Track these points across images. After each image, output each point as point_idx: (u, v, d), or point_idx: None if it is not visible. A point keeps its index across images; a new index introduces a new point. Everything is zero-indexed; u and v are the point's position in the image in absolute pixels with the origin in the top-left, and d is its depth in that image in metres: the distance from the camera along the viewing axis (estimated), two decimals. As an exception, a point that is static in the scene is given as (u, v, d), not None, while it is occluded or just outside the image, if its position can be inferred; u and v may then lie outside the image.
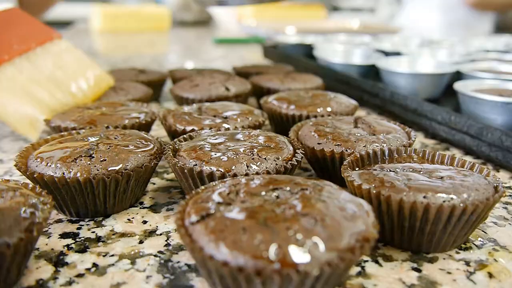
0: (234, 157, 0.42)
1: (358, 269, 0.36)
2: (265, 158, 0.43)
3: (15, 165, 0.42)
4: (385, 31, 1.89)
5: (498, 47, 1.25)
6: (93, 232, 0.41)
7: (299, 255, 0.27)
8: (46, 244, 0.39)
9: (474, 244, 0.39)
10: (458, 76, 0.84)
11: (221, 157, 0.42)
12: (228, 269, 0.27)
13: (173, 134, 0.55)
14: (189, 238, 0.30)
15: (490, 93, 0.66)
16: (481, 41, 1.36)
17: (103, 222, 0.43)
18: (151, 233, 0.41)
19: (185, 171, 0.41)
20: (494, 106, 0.63)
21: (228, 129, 0.52)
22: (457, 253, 0.38)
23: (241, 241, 0.28)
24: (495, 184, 0.39)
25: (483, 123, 0.58)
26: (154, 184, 0.51)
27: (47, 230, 0.41)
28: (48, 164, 0.41)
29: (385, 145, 0.48)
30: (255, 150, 0.43)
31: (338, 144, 0.48)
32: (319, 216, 0.30)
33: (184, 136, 0.50)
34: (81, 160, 0.41)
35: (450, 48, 1.17)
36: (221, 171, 0.40)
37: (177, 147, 0.47)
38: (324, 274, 0.27)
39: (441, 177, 0.39)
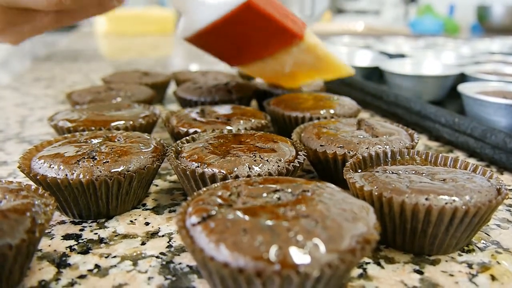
0: (236, 159, 0.42)
1: (360, 271, 0.36)
2: (267, 160, 0.43)
3: (19, 167, 0.42)
4: (390, 33, 1.89)
5: (503, 49, 1.25)
6: (96, 233, 0.41)
7: (299, 256, 0.27)
8: (49, 246, 0.39)
9: (477, 247, 0.39)
10: (462, 78, 0.84)
11: (223, 159, 0.42)
12: (228, 270, 0.27)
13: (176, 136, 0.56)
14: (190, 240, 0.30)
15: (494, 95, 0.66)
16: (486, 43, 1.35)
17: (106, 224, 0.43)
18: (153, 234, 0.41)
19: (187, 173, 0.41)
20: (498, 108, 0.63)
21: (230, 131, 0.53)
22: (460, 255, 0.38)
23: (242, 242, 0.28)
24: (498, 186, 0.38)
25: (487, 126, 0.58)
26: (156, 186, 0.51)
27: (50, 232, 0.41)
28: (51, 166, 0.41)
29: (387, 147, 0.48)
30: (257, 152, 0.44)
31: (340, 146, 0.48)
32: (320, 217, 0.30)
33: (187, 138, 0.50)
34: (83, 162, 0.41)
35: (455, 50, 1.16)
36: (223, 173, 0.41)
37: (179, 149, 0.47)
38: (325, 276, 0.27)
39: (444, 179, 0.38)
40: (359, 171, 0.43)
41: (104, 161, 0.42)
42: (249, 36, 0.60)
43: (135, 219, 0.44)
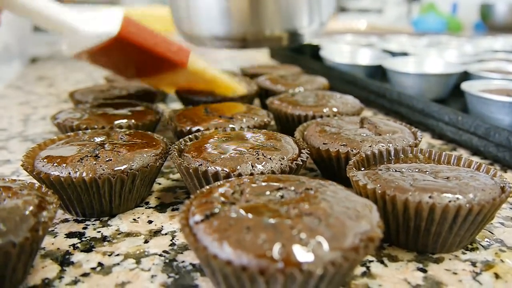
0: (239, 157, 0.42)
1: (363, 269, 0.36)
2: (270, 158, 0.43)
3: (22, 165, 0.42)
4: (392, 31, 1.88)
5: (507, 47, 1.24)
6: (99, 231, 0.41)
7: (302, 254, 0.27)
8: (52, 244, 0.39)
9: (481, 245, 0.39)
10: (465, 76, 0.84)
11: (226, 157, 0.42)
12: (231, 268, 0.27)
13: (179, 134, 0.56)
14: (193, 238, 0.30)
15: (498, 94, 0.65)
16: (489, 41, 1.35)
17: (109, 222, 0.43)
18: (156, 232, 0.41)
19: (190, 171, 0.41)
20: (502, 106, 0.63)
21: (233, 129, 0.52)
22: (463, 253, 0.38)
23: (245, 240, 0.28)
24: (501, 185, 0.38)
25: (491, 124, 0.58)
26: (159, 184, 0.51)
27: (53, 230, 0.41)
28: (54, 164, 0.41)
29: (390, 145, 0.47)
30: (260, 150, 0.43)
31: (343, 144, 0.48)
32: (323, 215, 0.30)
33: (190, 136, 0.50)
34: (87, 160, 0.41)
35: (458, 48, 1.16)
36: (226, 171, 0.41)
37: (182, 147, 0.47)
38: (328, 274, 0.27)
39: (447, 177, 0.38)
40: (362, 169, 0.43)
41: (107, 159, 0.42)
42: (132, 59, 0.60)
43: (138, 217, 0.44)
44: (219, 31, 0.79)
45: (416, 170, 0.40)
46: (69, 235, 0.41)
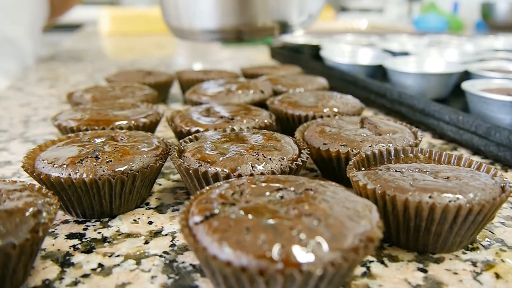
0: (239, 158, 0.42)
1: (364, 269, 0.36)
2: (270, 159, 0.43)
3: (22, 167, 0.42)
4: (393, 31, 1.88)
5: (507, 46, 1.24)
6: (99, 232, 0.41)
7: (302, 255, 0.27)
8: (53, 245, 0.39)
9: (481, 245, 0.39)
10: (466, 75, 0.83)
11: (226, 158, 0.42)
12: (231, 269, 0.27)
13: (179, 135, 0.56)
14: (193, 238, 0.30)
15: (498, 93, 0.65)
16: (490, 40, 1.35)
17: (109, 223, 0.43)
18: (157, 233, 0.41)
19: (190, 171, 0.41)
20: (502, 105, 0.62)
21: (233, 130, 0.52)
22: (464, 253, 0.38)
23: (245, 241, 0.28)
24: (502, 184, 0.38)
25: (491, 123, 0.58)
26: (160, 185, 0.51)
27: (54, 231, 0.41)
28: (55, 165, 0.41)
29: (391, 145, 0.47)
30: (260, 150, 0.43)
31: (343, 145, 0.48)
32: (323, 216, 0.30)
33: (190, 137, 0.50)
34: (87, 161, 0.41)
35: (459, 48, 1.16)
36: (226, 171, 0.41)
37: (182, 148, 0.47)
38: (328, 274, 0.27)
39: (447, 177, 0.38)
40: (363, 169, 0.43)
41: (107, 160, 0.42)
42: None
43: (139, 218, 0.44)
44: (212, 23, 0.79)
45: (416, 170, 0.40)
46: (70, 236, 0.41)
